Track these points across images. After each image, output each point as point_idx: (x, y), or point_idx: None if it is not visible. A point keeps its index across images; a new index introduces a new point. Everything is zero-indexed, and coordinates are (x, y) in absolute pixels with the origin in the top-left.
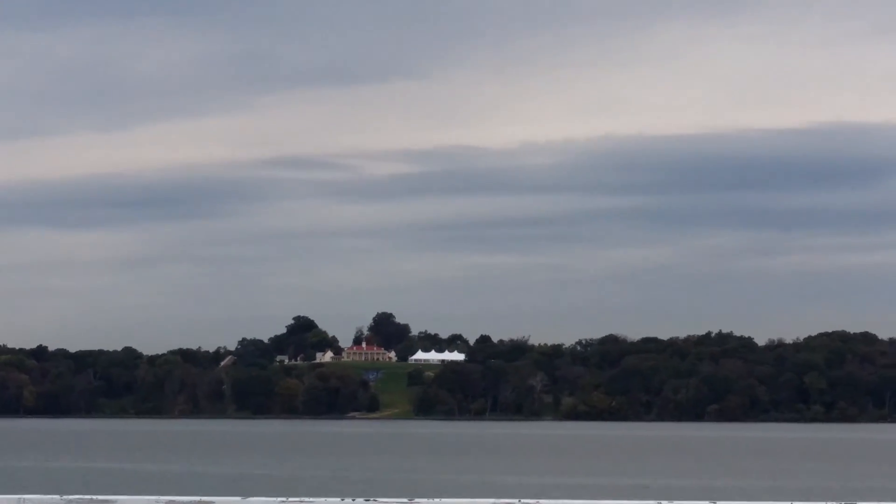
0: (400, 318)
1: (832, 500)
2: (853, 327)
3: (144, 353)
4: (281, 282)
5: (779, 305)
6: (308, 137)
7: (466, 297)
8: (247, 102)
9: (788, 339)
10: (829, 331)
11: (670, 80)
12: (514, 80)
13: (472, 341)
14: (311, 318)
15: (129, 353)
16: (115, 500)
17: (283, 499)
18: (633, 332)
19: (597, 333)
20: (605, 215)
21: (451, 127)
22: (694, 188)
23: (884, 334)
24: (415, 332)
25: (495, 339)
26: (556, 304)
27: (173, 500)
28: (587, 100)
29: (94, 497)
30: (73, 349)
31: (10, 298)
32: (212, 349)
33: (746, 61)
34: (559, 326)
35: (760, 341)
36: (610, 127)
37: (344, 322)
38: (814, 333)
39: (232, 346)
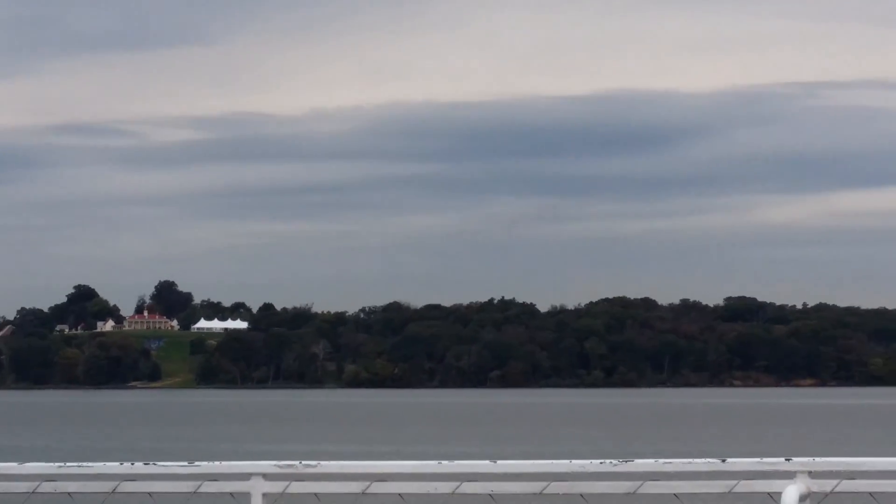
0: (183, 287)
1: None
2: (634, 293)
3: None
4: (64, 250)
5: (562, 272)
6: (95, 104)
7: (252, 265)
8: (32, 68)
9: (570, 306)
10: (611, 297)
11: (459, 47)
12: (303, 46)
13: (255, 309)
14: (94, 286)
15: None
16: None
17: (61, 463)
18: (420, 299)
19: (383, 301)
20: (394, 182)
21: (240, 94)
22: (482, 155)
23: (663, 300)
24: (198, 300)
25: (279, 308)
26: (344, 272)
27: None
28: (376, 66)
29: None
30: None
31: None
32: None
33: (534, 28)
34: (345, 294)
35: (543, 308)
36: (399, 94)
37: (127, 291)
38: (595, 300)
39: (11, 316)
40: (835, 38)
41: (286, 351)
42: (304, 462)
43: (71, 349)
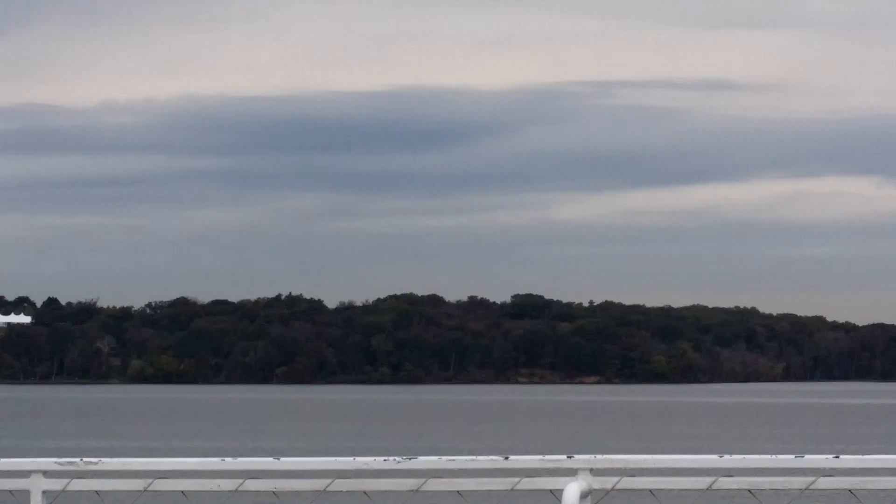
0: None
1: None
2: (424, 290)
3: None
4: None
5: (353, 268)
6: None
7: (39, 258)
8: None
9: (359, 302)
10: (399, 294)
11: (254, 42)
12: (93, 37)
13: (39, 304)
14: None
15: None
16: None
17: None
18: (210, 294)
19: (172, 296)
20: (187, 176)
21: (30, 85)
22: (277, 150)
23: (452, 297)
24: None
25: (64, 302)
26: (132, 267)
27: None
28: (169, 59)
29: None
30: None
31: None
32: None
33: (328, 23)
34: (133, 289)
35: (332, 304)
36: (192, 87)
37: None
38: (383, 296)
39: None
40: (628, 38)
41: (70, 346)
42: (84, 459)
43: None
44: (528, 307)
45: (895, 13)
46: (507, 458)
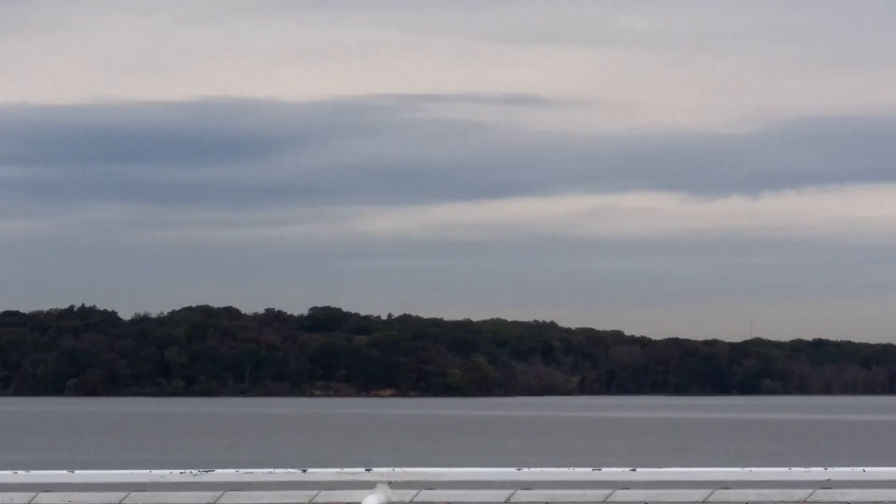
0: None
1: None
2: (222, 302)
3: None
4: None
5: (151, 280)
6: None
7: None
8: None
9: (154, 314)
10: (194, 305)
11: (57, 50)
12: None
13: None
14: None
15: None
16: None
17: None
18: (9, 304)
19: None
20: None
21: None
22: (78, 160)
23: (250, 309)
24: None
25: None
26: None
27: None
28: None
29: None
30: None
31: None
32: None
33: (134, 33)
34: None
35: (127, 315)
36: None
37: None
38: (179, 308)
39: None
40: (434, 52)
41: None
42: None
43: None
44: (325, 320)
45: (699, 31)
46: (304, 471)
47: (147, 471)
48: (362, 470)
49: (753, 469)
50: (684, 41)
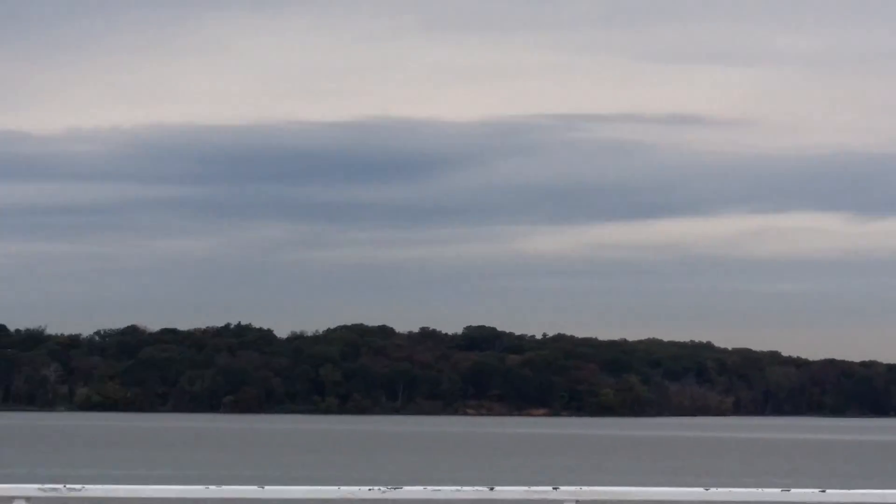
0: None
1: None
2: (373, 320)
3: None
4: None
5: (307, 298)
6: None
7: (2, 284)
8: None
9: (310, 332)
10: (349, 324)
11: (219, 70)
12: (60, 65)
13: None
14: None
15: None
16: None
17: None
18: (162, 323)
19: (124, 324)
20: (150, 205)
21: None
22: (241, 180)
23: (402, 328)
24: None
25: (12, 329)
26: (88, 294)
27: None
28: (136, 88)
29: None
30: None
31: None
32: None
33: (295, 54)
34: (87, 317)
35: (283, 333)
36: (158, 116)
37: None
38: (334, 326)
39: None
40: (594, 72)
41: (16, 373)
42: (68, 486)
43: None
44: (479, 339)
45: (861, 50)
46: (492, 489)
47: (336, 487)
48: (549, 489)
49: None
50: (846, 60)
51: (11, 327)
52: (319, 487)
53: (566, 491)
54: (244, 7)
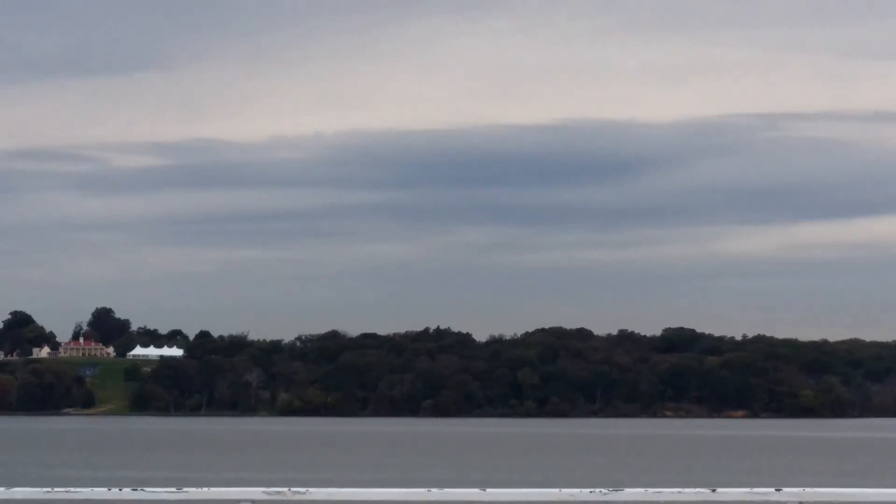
0: (121, 314)
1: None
2: (570, 323)
3: None
4: (10, 275)
5: (506, 301)
6: (53, 129)
7: (197, 291)
8: None
9: (508, 335)
10: (547, 327)
11: (419, 76)
12: (262, 73)
13: (192, 337)
14: (31, 313)
15: None
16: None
17: (49, 489)
18: (363, 327)
19: (325, 329)
20: (352, 210)
21: (200, 120)
22: (441, 184)
23: (600, 330)
24: (135, 327)
25: (216, 335)
26: (289, 299)
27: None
28: (337, 94)
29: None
30: None
31: None
32: None
33: (495, 57)
34: (287, 321)
35: (482, 337)
36: (359, 122)
37: (65, 317)
38: (531, 329)
39: None
40: (796, 70)
41: (219, 379)
42: (292, 489)
43: (3, 375)
44: (678, 341)
45: None
46: (714, 491)
47: (556, 490)
48: (772, 490)
49: None
50: None
51: (215, 333)
52: (540, 490)
53: (789, 492)
54: (445, 11)
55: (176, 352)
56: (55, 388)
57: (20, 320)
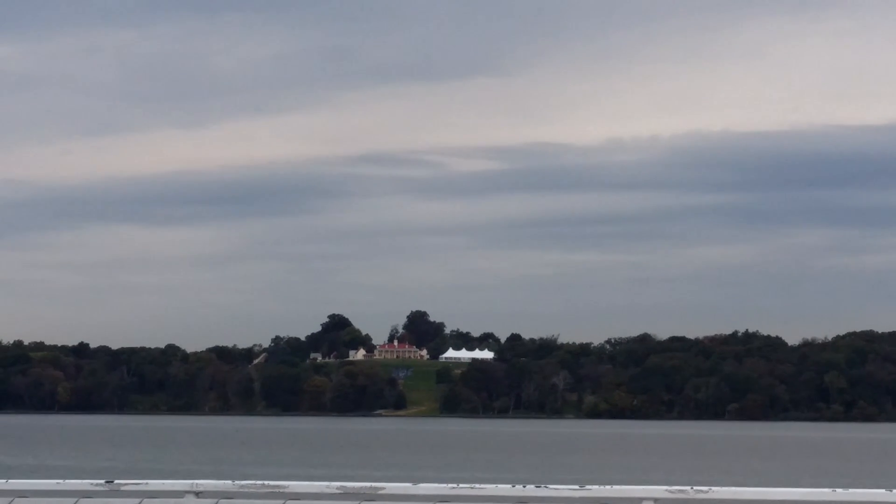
0: (436, 317)
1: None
2: (883, 327)
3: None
4: (345, 279)
5: (822, 304)
6: (391, 134)
7: (525, 294)
8: (330, 99)
9: (820, 339)
10: (858, 330)
11: (756, 77)
12: (598, 76)
13: (503, 339)
14: (349, 316)
15: (171, 350)
16: (288, 486)
17: (454, 485)
18: (678, 330)
19: (637, 332)
20: (689, 213)
21: (535, 124)
22: (781, 185)
23: None
24: (449, 330)
25: (526, 338)
26: (605, 301)
27: (344, 486)
28: (673, 96)
29: (266, 482)
30: (153, 345)
31: (95, 294)
32: (247, 346)
33: (833, 57)
34: (602, 324)
35: (793, 340)
36: (695, 124)
37: (381, 319)
38: (842, 333)
39: (266, 344)
40: None
41: (527, 381)
42: (695, 487)
43: (319, 377)
44: None
45: None
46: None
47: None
48: None
49: None
50: None
51: (526, 336)
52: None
53: None
54: (782, 11)
55: (487, 354)
56: (368, 390)
57: (337, 323)
